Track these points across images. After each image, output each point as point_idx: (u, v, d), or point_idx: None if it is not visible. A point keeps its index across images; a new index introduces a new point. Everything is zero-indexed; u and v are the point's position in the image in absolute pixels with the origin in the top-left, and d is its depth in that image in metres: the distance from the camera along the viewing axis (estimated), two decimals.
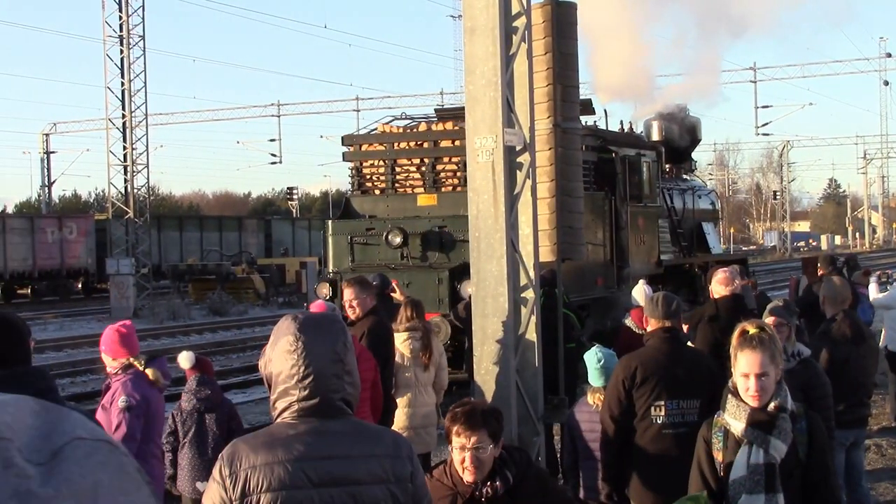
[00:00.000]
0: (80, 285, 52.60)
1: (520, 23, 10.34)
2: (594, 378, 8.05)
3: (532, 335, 10.26)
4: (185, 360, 9.30)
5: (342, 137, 17.38)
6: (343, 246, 16.50)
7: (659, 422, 7.10)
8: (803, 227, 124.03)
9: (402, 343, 10.39)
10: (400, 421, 10.04)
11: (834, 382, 8.69)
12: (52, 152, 74.88)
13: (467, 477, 4.56)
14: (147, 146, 48.99)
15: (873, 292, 16.19)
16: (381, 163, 16.73)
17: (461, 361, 15.03)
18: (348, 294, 9.61)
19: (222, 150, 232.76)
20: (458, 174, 15.93)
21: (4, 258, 46.65)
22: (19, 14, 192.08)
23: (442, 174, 16.41)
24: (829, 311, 10.47)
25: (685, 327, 9.20)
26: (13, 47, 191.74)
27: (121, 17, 48.17)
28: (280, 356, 3.84)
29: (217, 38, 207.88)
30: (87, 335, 32.97)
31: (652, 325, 7.55)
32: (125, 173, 49.23)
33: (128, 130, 48.84)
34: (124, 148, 48.95)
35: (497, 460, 4.60)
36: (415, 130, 17.01)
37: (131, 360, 7.53)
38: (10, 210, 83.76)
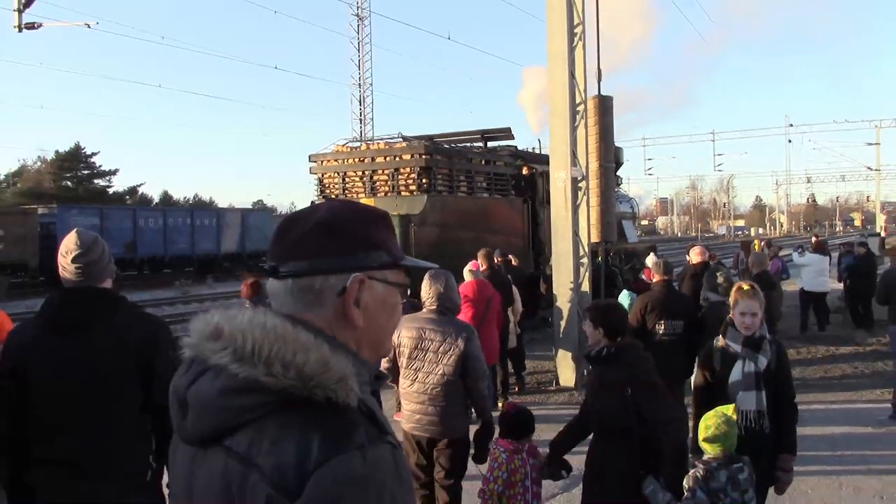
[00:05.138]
0: None
1: (580, 107, 10.25)
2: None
3: (586, 284, 10.15)
4: None
5: (309, 155, 14.12)
6: None
7: (660, 332, 6.93)
8: (740, 223, 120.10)
9: None
10: None
11: None
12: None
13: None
14: None
15: (795, 257, 15.93)
16: (336, 175, 13.62)
17: None
18: (479, 259, 9.46)
19: None
20: (388, 182, 12.94)
21: None
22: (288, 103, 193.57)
23: (378, 183, 13.12)
24: (755, 270, 10.22)
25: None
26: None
27: (361, 125, 48.50)
28: (424, 286, 4.73)
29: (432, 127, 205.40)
30: None
31: (656, 278, 7.40)
32: None
33: None
34: None
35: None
36: (358, 149, 13.80)
37: None
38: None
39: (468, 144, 15.85)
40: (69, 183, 48.36)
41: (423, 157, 12.54)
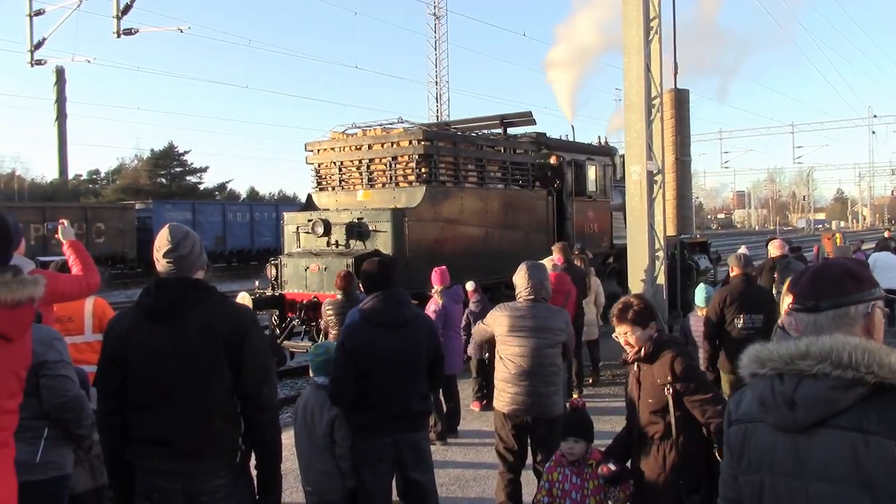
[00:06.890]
0: None
1: (656, 101, 10.05)
2: (700, 301, 7.68)
3: (661, 276, 10.00)
4: (469, 286, 9.30)
5: (305, 144, 12.48)
6: (292, 234, 11.61)
7: (739, 326, 6.80)
8: (821, 216, 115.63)
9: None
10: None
11: None
12: None
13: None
14: None
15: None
16: (333, 164, 11.98)
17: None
18: (556, 253, 9.32)
19: None
20: (386, 173, 11.35)
21: None
22: None
23: (375, 173, 11.49)
24: None
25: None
26: None
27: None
28: (520, 276, 4.99)
29: None
30: None
31: (735, 272, 7.22)
32: None
33: None
34: None
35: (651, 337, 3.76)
36: (354, 136, 11.94)
37: (440, 287, 7.77)
38: None
39: (486, 131, 14.01)
40: (163, 180, 50.16)
41: (422, 143, 11.01)
